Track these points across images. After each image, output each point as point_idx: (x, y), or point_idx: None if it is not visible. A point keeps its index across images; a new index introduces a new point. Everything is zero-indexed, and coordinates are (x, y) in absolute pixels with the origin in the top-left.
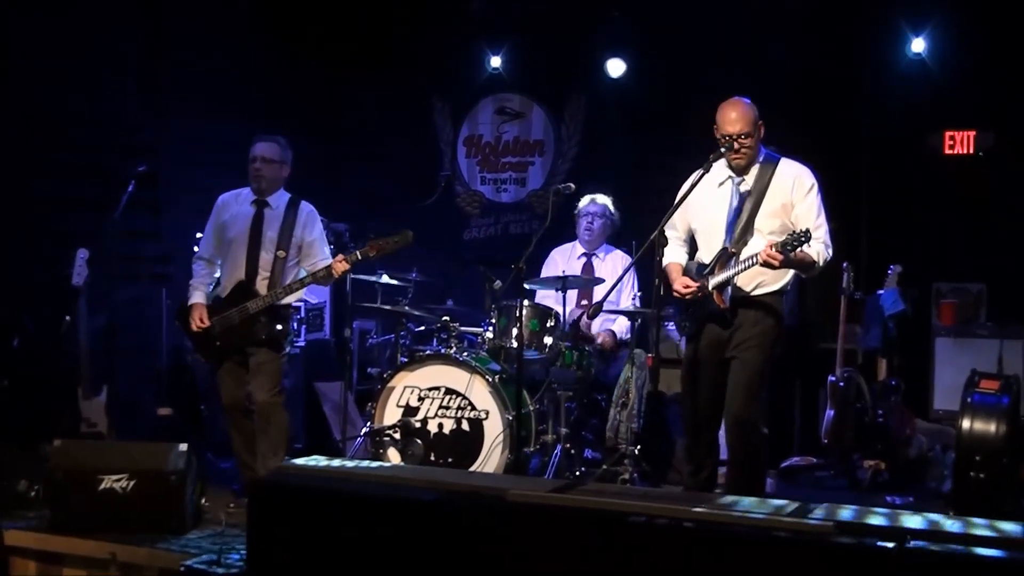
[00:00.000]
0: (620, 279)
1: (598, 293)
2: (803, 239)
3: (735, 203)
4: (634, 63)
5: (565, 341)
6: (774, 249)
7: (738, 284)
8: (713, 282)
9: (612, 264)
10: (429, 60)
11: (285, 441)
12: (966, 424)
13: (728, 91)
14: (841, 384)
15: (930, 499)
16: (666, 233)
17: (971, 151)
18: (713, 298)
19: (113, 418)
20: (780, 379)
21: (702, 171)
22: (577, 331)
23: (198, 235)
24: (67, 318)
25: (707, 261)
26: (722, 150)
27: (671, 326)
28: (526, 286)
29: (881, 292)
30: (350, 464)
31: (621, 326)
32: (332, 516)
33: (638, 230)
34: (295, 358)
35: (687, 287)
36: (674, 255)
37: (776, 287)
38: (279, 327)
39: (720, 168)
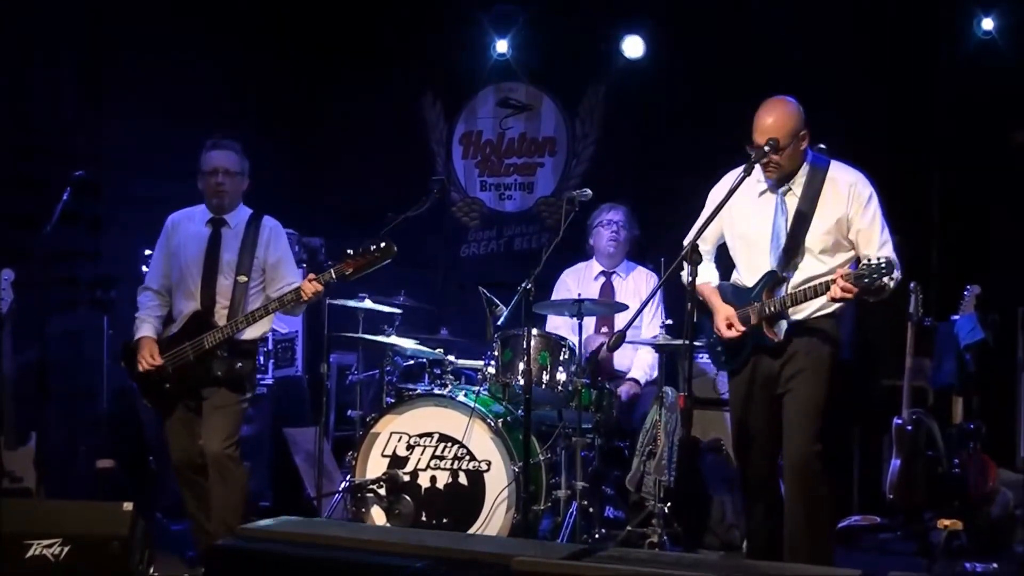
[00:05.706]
0: (646, 303)
1: (620, 319)
2: (884, 271)
3: (780, 218)
4: (664, 47)
5: (582, 378)
6: (847, 281)
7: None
8: (763, 313)
9: (635, 285)
10: (418, 44)
11: (244, 499)
12: None
13: (772, 79)
14: (909, 428)
15: (1017, 566)
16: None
17: None
18: (764, 331)
19: (43, 472)
20: (835, 423)
21: (743, 173)
22: (596, 366)
23: (147, 252)
24: None
25: (749, 284)
26: (752, 161)
27: (704, 358)
28: (535, 311)
29: (956, 318)
30: (325, 526)
31: (644, 362)
32: None
33: (665, 245)
34: (261, 399)
35: (732, 328)
36: (706, 274)
37: (831, 309)
38: (240, 364)
39: (761, 174)
